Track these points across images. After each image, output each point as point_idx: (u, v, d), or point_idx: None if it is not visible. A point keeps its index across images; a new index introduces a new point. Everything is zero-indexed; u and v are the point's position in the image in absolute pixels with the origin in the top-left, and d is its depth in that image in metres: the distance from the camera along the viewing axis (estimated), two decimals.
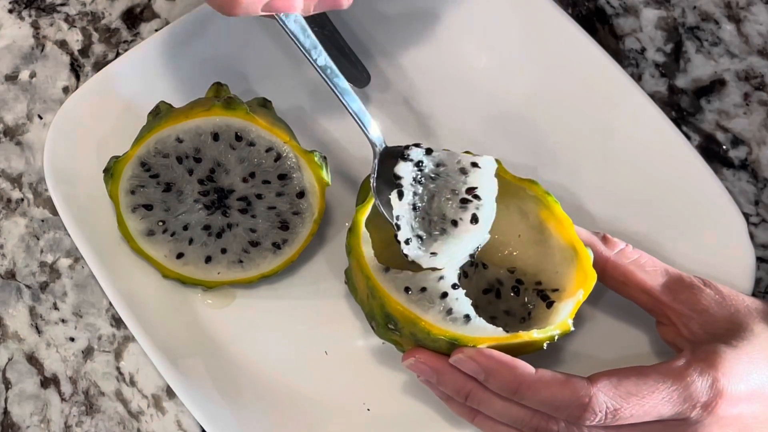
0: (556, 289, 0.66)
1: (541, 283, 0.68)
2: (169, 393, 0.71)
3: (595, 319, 0.71)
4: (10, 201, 0.75)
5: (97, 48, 0.78)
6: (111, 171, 0.68)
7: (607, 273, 0.67)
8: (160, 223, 0.70)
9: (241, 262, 0.70)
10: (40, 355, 0.72)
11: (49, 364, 0.72)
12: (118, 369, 0.72)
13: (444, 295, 0.62)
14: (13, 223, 0.74)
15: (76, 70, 0.78)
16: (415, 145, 0.67)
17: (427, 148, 0.67)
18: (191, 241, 0.70)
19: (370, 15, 0.77)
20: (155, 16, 0.79)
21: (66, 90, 0.77)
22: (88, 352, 0.72)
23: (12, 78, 0.77)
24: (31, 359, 0.72)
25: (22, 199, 0.75)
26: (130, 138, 0.70)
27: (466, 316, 0.62)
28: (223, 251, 0.70)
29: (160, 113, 0.69)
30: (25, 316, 0.73)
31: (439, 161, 0.67)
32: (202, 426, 0.69)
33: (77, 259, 0.74)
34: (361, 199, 0.69)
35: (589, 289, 0.65)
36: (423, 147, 0.67)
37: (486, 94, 0.76)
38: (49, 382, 0.72)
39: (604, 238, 0.68)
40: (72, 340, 0.72)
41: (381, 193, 0.66)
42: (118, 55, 0.78)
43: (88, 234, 0.70)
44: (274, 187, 0.69)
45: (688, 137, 0.76)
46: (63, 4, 0.79)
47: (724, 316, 0.64)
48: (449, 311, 0.62)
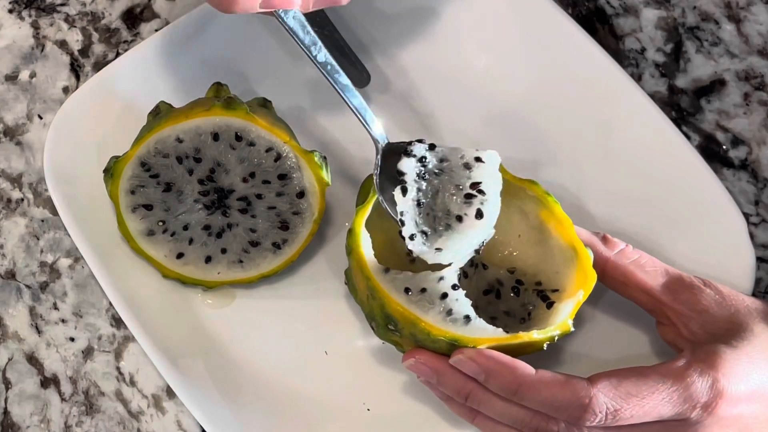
0: (556, 290, 0.66)
1: (541, 284, 0.67)
2: (169, 393, 0.71)
3: (595, 319, 0.71)
4: (10, 201, 0.75)
5: (97, 48, 0.78)
6: (111, 171, 0.68)
7: (607, 273, 0.67)
8: (160, 223, 0.69)
9: (241, 262, 0.70)
10: (40, 355, 0.72)
11: (49, 364, 0.72)
12: (118, 369, 0.72)
13: (444, 295, 0.62)
14: (13, 223, 0.74)
15: (76, 70, 0.78)
16: (418, 140, 0.67)
17: (430, 143, 0.67)
18: (191, 241, 0.70)
19: (369, 15, 0.77)
20: (155, 16, 0.79)
21: (66, 90, 0.77)
22: (88, 352, 0.72)
23: (12, 78, 0.77)
24: (31, 359, 0.72)
25: (22, 199, 0.75)
26: (130, 138, 0.69)
27: (466, 317, 0.62)
28: (223, 251, 0.70)
29: (160, 113, 0.69)
30: (25, 316, 0.73)
31: (443, 157, 0.66)
32: (202, 426, 0.69)
33: (77, 259, 0.73)
34: (361, 200, 0.69)
35: (589, 290, 0.65)
36: (426, 143, 0.67)
37: (486, 94, 0.76)
38: (49, 382, 0.71)
39: (604, 238, 0.67)
40: (72, 340, 0.72)
41: (384, 189, 0.66)
42: (118, 55, 0.78)
43: (88, 234, 0.70)
44: (274, 187, 0.69)
45: (688, 137, 0.76)
46: (63, 4, 0.79)
47: (724, 317, 0.64)
48: (449, 312, 0.62)
